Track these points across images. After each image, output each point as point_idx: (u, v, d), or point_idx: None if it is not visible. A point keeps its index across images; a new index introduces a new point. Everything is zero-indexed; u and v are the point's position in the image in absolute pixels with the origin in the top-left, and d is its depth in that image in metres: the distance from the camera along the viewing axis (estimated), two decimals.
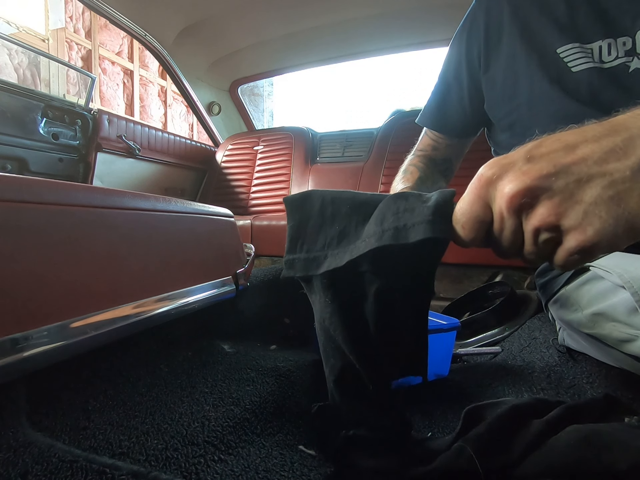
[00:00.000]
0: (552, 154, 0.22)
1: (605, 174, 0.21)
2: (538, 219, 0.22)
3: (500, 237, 0.25)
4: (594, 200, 0.21)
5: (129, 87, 4.07)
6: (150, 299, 0.54)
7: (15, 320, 0.37)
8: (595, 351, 0.55)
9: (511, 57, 0.59)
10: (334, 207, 0.31)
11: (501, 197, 0.23)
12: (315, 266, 0.31)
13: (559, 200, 0.21)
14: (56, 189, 0.43)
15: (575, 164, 0.21)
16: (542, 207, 0.22)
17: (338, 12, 1.56)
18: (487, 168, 0.24)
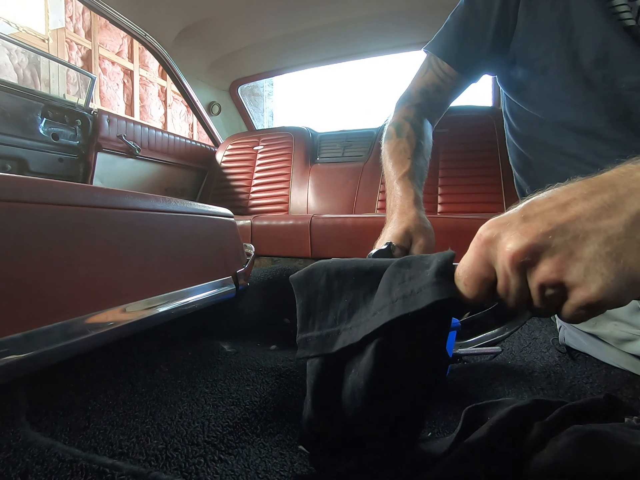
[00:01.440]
0: (545, 212, 0.23)
1: (600, 231, 0.21)
2: (542, 276, 0.22)
3: (507, 295, 0.25)
4: (593, 256, 0.21)
5: (129, 87, 4.07)
6: (150, 299, 0.54)
7: (16, 320, 0.37)
8: (596, 350, 0.55)
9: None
10: (339, 280, 0.31)
11: (503, 256, 0.23)
12: (330, 343, 0.31)
13: (559, 257, 0.22)
14: (56, 189, 0.43)
15: (570, 222, 0.22)
16: (544, 265, 0.22)
17: (338, 12, 1.56)
18: (485, 228, 0.25)
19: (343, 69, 2.21)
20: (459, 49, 0.65)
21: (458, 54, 0.66)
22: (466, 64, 0.65)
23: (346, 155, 1.87)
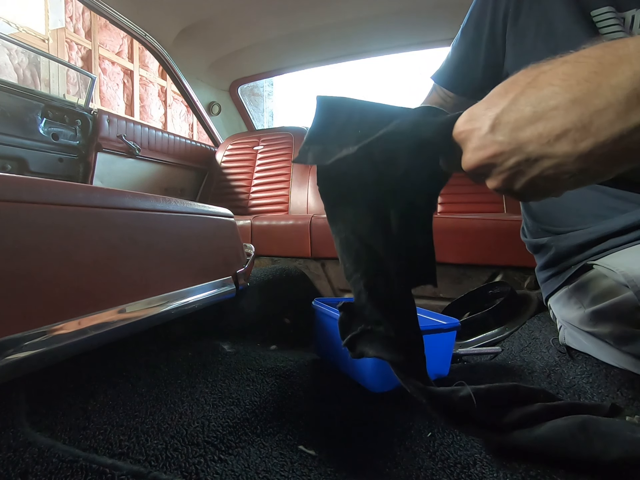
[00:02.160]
0: (516, 126, 0.24)
1: (552, 157, 0.23)
2: (491, 184, 0.27)
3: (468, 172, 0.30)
4: (536, 175, 0.24)
5: (129, 87, 4.07)
6: (150, 299, 0.54)
7: (16, 320, 0.37)
8: (596, 350, 0.55)
9: (548, 10, 0.56)
10: (362, 114, 0.33)
11: (465, 155, 0.28)
12: (328, 157, 0.33)
13: (505, 175, 0.26)
14: (56, 189, 0.43)
15: (531, 142, 0.23)
16: (493, 179, 0.27)
17: (338, 12, 1.56)
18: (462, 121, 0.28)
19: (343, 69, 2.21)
20: (455, 74, 0.70)
21: (455, 79, 0.70)
22: (463, 86, 0.70)
23: None
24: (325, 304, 0.67)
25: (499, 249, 1.05)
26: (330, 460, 0.39)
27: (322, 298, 0.72)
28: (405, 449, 0.42)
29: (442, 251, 1.09)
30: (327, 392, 0.56)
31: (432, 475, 0.37)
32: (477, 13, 0.65)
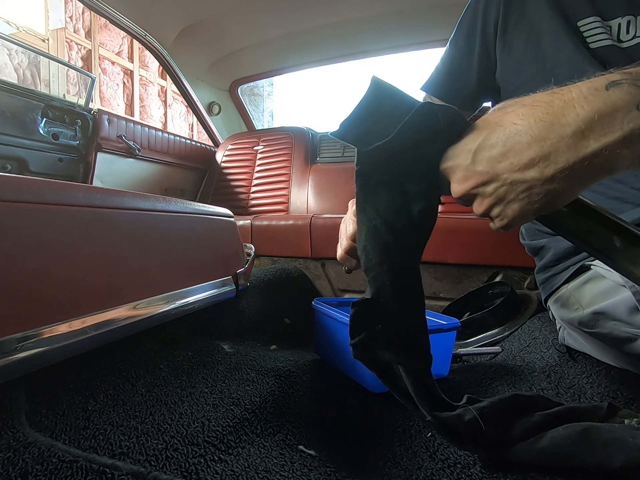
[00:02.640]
0: (491, 158, 0.29)
1: (524, 181, 0.27)
2: (476, 207, 0.31)
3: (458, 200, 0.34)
4: (513, 199, 0.28)
5: (129, 87, 4.07)
6: (150, 299, 0.54)
7: (15, 320, 0.37)
8: (595, 350, 0.55)
9: (535, 23, 0.57)
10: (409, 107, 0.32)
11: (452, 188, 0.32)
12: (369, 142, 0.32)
13: (488, 201, 0.30)
14: (56, 189, 0.43)
15: (505, 172, 0.28)
16: (476, 203, 0.31)
17: (338, 12, 1.56)
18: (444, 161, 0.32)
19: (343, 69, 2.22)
20: (449, 83, 0.70)
21: (449, 89, 0.70)
22: (458, 96, 0.69)
23: (346, 155, 1.86)
24: (325, 304, 0.67)
25: (499, 249, 1.05)
26: (330, 460, 0.39)
27: (322, 298, 0.72)
28: (405, 449, 0.42)
29: (442, 251, 1.09)
30: (327, 392, 0.56)
31: (432, 475, 0.37)
32: (467, 24, 0.66)
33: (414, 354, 0.34)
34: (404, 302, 0.33)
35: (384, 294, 0.33)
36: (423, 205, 0.33)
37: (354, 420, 0.48)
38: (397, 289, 0.33)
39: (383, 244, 0.33)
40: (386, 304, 0.33)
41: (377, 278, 0.33)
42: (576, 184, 0.27)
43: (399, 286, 0.33)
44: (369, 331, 0.33)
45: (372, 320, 0.33)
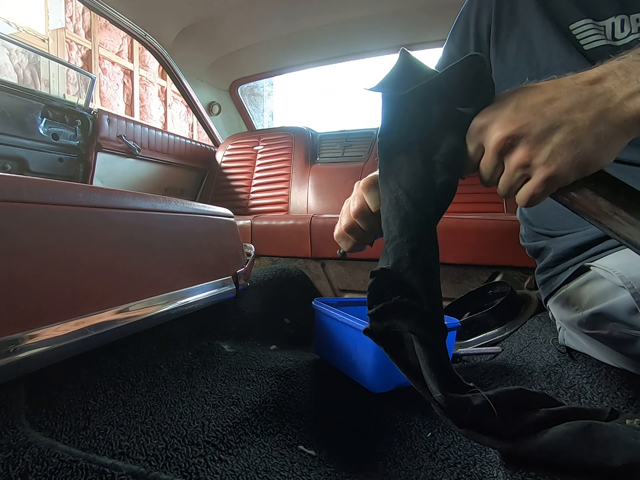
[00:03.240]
0: (535, 105, 0.29)
1: (570, 122, 0.27)
2: (517, 158, 0.29)
3: (485, 170, 0.32)
4: (560, 142, 0.27)
5: (129, 87, 4.07)
6: (150, 299, 0.54)
7: (15, 320, 0.37)
8: (595, 351, 0.55)
9: (527, 30, 0.57)
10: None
11: (490, 139, 0.30)
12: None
13: (533, 144, 0.28)
14: (56, 189, 0.43)
15: (551, 114, 0.28)
16: (520, 149, 0.29)
17: (338, 12, 1.56)
18: (479, 117, 0.31)
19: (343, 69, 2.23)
20: None
21: None
22: None
23: (346, 155, 1.86)
24: (325, 304, 0.67)
25: (499, 249, 1.05)
26: (330, 460, 0.39)
27: (322, 298, 0.72)
28: (405, 449, 0.42)
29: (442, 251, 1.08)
30: (327, 392, 0.56)
31: (432, 475, 0.37)
32: (459, 34, 0.66)
33: (431, 325, 0.33)
34: (423, 272, 0.34)
35: (403, 264, 0.33)
36: (446, 177, 0.33)
37: (354, 420, 0.48)
38: (416, 260, 0.33)
39: (404, 215, 0.33)
40: (405, 274, 0.33)
41: (397, 249, 0.33)
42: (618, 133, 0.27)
43: (418, 257, 0.33)
44: (387, 301, 0.33)
45: (390, 290, 0.33)
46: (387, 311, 0.33)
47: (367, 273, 1.24)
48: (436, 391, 0.32)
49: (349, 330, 0.58)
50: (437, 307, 0.34)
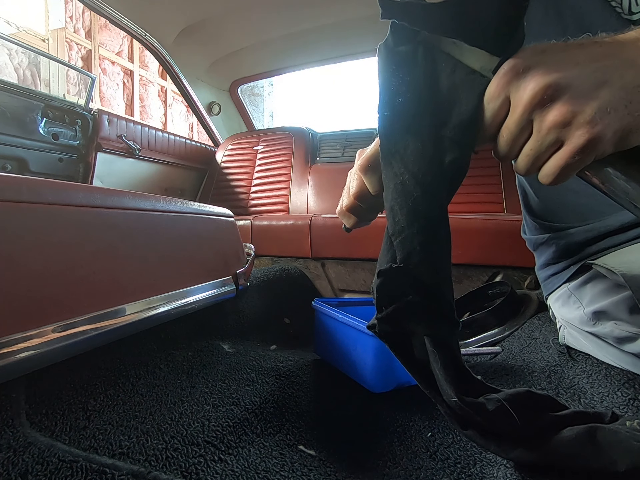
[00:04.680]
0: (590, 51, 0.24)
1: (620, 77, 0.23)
2: (555, 114, 0.23)
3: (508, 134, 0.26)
4: (609, 98, 0.23)
5: (129, 87, 4.07)
6: (150, 299, 0.54)
7: (15, 320, 0.37)
8: (596, 350, 0.55)
9: None
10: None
11: (523, 90, 0.24)
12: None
13: (578, 98, 0.23)
14: (56, 189, 0.43)
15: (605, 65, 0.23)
16: (561, 104, 0.23)
17: (338, 12, 1.56)
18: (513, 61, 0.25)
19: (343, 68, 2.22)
20: None
21: None
22: None
23: (346, 155, 1.86)
24: (325, 304, 0.67)
25: (499, 249, 1.05)
26: (330, 460, 0.39)
27: (322, 298, 0.72)
28: (405, 449, 0.42)
29: None
30: (327, 392, 0.56)
31: (432, 475, 0.37)
32: None
33: (446, 324, 0.31)
34: (436, 267, 0.30)
35: (414, 259, 0.29)
36: (457, 154, 0.28)
37: (354, 420, 0.48)
38: (428, 253, 0.29)
39: (412, 201, 0.29)
40: (416, 270, 0.29)
41: (405, 242, 0.29)
42: None
43: (431, 249, 0.29)
44: (398, 303, 0.30)
45: (401, 290, 0.30)
46: (399, 313, 0.30)
47: (367, 273, 1.24)
48: (452, 395, 0.30)
49: (349, 330, 0.58)
50: (451, 303, 0.31)
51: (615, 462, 0.29)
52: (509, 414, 0.31)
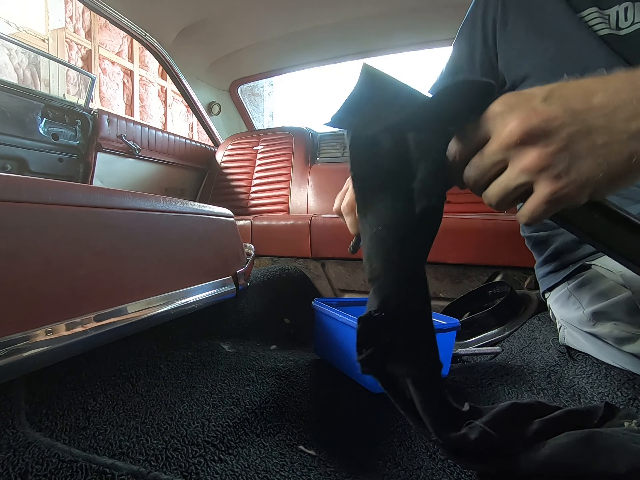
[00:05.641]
0: (570, 97, 0.23)
1: (608, 129, 0.22)
2: (529, 159, 0.23)
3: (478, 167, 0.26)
4: (585, 154, 0.22)
5: (129, 87, 4.07)
6: (150, 299, 0.54)
7: (15, 320, 0.37)
8: (595, 350, 0.55)
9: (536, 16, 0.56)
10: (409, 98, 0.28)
11: (503, 128, 0.24)
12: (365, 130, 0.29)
13: (554, 149, 0.22)
14: (56, 189, 0.43)
15: (586, 112, 0.22)
16: (535, 151, 0.23)
17: (338, 12, 1.56)
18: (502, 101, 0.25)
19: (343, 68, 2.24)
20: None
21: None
22: None
23: (346, 155, 1.86)
24: (325, 304, 0.67)
25: (499, 249, 1.05)
26: (330, 460, 0.39)
27: (322, 298, 0.72)
28: (405, 449, 0.42)
29: (442, 251, 1.09)
30: (327, 392, 0.56)
31: (432, 475, 0.37)
32: (467, 26, 0.66)
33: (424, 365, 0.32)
34: (412, 311, 0.31)
35: (390, 305, 0.30)
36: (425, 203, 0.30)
37: (354, 420, 0.48)
38: (403, 299, 0.31)
39: (386, 251, 0.30)
40: (393, 315, 0.30)
41: (382, 288, 0.31)
42: None
43: (405, 295, 0.31)
44: (376, 345, 0.31)
45: (379, 333, 0.31)
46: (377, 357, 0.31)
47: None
48: (432, 435, 0.31)
49: (349, 330, 0.58)
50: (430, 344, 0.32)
51: (616, 465, 0.29)
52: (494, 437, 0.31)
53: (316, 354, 0.70)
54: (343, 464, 0.39)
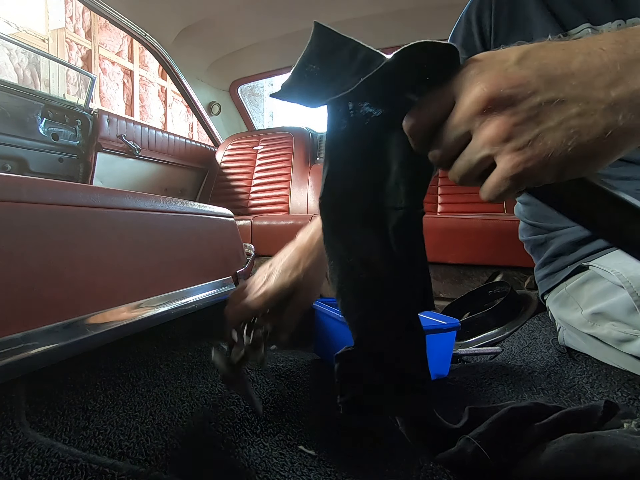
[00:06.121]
0: (547, 60, 0.20)
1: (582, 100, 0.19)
2: (492, 129, 0.20)
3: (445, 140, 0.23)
4: (554, 125, 0.20)
5: (129, 87, 4.07)
6: (150, 299, 0.54)
7: (16, 320, 0.37)
8: (595, 351, 0.55)
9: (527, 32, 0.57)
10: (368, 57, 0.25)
11: (468, 94, 0.21)
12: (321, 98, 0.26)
13: (520, 118, 0.20)
14: (56, 189, 0.43)
15: (562, 78, 0.20)
16: (499, 120, 0.20)
17: (338, 12, 1.56)
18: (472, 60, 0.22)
19: None
20: None
21: None
22: None
23: None
24: (325, 304, 0.67)
25: (499, 249, 1.05)
26: (330, 460, 0.39)
27: (322, 298, 0.72)
28: (405, 449, 0.42)
29: (442, 251, 1.09)
30: (327, 392, 0.56)
31: (432, 475, 0.37)
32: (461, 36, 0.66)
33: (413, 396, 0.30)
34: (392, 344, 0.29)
35: (367, 340, 0.28)
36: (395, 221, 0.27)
37: (354, 420, 0.48)
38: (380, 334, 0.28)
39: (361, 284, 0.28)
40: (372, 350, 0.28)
41: (358, 323, 0.29)
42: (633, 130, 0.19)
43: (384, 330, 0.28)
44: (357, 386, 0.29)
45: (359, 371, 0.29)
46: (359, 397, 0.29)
47: None
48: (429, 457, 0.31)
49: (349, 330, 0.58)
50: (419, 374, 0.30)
51: (615, 468, 0.29)
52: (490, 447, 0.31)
53: (316, 354, 0.70)
54: (343, 464, 0.39)
